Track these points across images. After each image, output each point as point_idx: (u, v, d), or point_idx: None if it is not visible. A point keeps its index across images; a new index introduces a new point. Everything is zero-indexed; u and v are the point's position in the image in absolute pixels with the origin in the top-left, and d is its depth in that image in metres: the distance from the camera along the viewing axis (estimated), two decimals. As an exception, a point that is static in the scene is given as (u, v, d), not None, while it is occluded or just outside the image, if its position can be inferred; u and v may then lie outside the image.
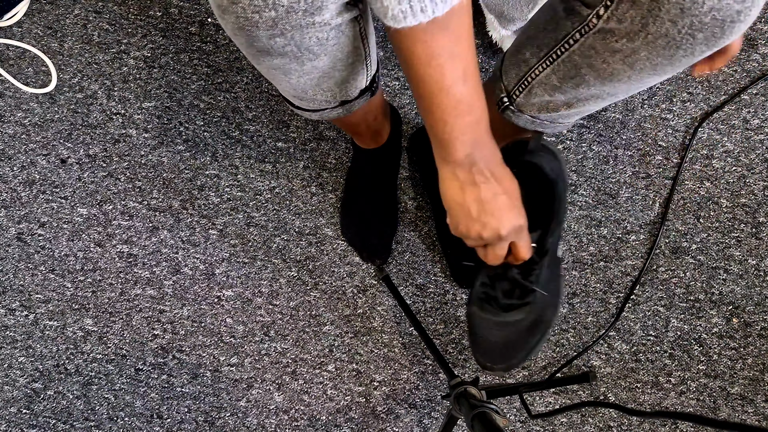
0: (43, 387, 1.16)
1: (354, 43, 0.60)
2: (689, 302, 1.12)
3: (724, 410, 1.10)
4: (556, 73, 0.64)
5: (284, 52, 0.55)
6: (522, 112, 0.72)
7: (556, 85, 0.65)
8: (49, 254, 1.16)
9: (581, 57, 0.60)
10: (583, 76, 0.62)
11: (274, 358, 1.14)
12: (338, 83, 0.67)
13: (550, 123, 0.73)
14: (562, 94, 0.66)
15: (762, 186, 1.12)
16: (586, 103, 0.67)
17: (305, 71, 0.61)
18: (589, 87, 0.62)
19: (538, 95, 0.68)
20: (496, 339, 0.82)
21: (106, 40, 1.18)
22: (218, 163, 1.16)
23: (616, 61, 0.57)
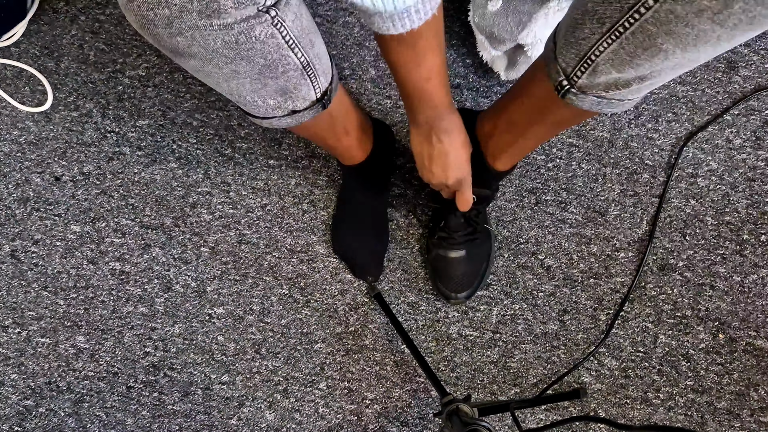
0: (35, 404, 1.16)
1: (278, 51, 0.59)
2: (676, 318, 1.13)
3: (711, 425, 1.11)
4: (625, 48, 0.56)
5: (192, 52, 0.56)
6: (586, 93, 0.66)
7: (626, 59, 0.57)
8: (42, 271, 1.17)
9: (657, 25, 0.52)
10: (659, 46, 0.54)
11: (266, 376, 1.14)
12: (278, 92, 0.67)
13: (618, 101, 0.66)
14: (633, 69, 0.58)
15: (745, 204, 1.14)
16: (662, 73, 0.59)
17: (226, 76, 0.61)
18: (667, 57, 0.55)
19: (604, 73, 0.61)
20: (455, 273, 1.07)
21: (102, 60, 1.19)
22: (210, 180, 1.17)
23: (703, 22, 0.49)
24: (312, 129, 0.82)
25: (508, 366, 1.13)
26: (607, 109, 0.68)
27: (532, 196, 1.15)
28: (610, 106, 0.67)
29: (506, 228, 1.15)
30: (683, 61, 0.56)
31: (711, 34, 0.50)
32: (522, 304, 1.14)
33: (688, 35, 0.51)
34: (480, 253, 1.09)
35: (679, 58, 0.55)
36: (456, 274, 1.08)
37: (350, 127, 0.92)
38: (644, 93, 0.66)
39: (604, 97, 0.65)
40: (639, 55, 0.56)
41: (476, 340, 1.14)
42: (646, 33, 0.53)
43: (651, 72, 0.59)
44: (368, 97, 1.17)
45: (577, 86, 0.66)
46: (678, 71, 0.60)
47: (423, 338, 1.14)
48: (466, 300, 1.10)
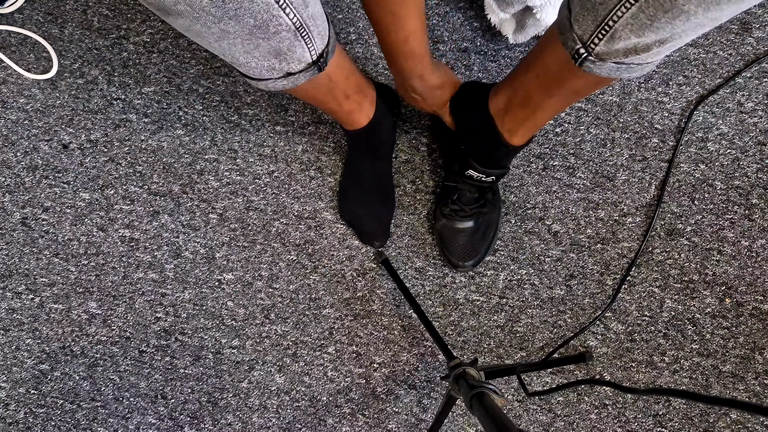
0: (50, 368, 1.19)
1: (269, 11, 0.58)
2: (683, 283, 1.13)
3: (716, 387, 1.12)
4: (645, 11, 0.55)
5: (178, 11, 0.55)
6: (604, 60, 0.64)
7: (646, 23, 0.56)
8: (53, 239, 1.18)
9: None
10: (680, 7, 0.52)
11: (275, 341, 1.16)
12: (271, 53, 0.66)
13: (637, 65, 0.64)
14: (653, 33, 0.57)
15: (755, 168, 1.13)
16: (683, 34, 0.58)
17: (217, 35, 0.60)
18: (689, 18, 0.54)
19: (623, 39, 0.60)
20: (463, 242, 1.09)
21: (106, 26, 1.18)
22: (217, 147, 1.17)
23: None
24: (311, 92, 0.81)
25: (515, 330, 1.14)
26: (626, 75, 0.66)
27: (540, 162, 1.14)
28: (629, 70, 0.65)
29: (513, 193, 1.14)
30: (705, 21, 0.55)
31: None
32: (529, 269, 1.14)
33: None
34: (487, 222, 1.10)
35: (701, 18, 0.54)
36: (463, 243, 1.09)
37: (350, 91, 0.90)
38: (664, 55, 0.64)
39: (623, 63, 0.64)
40: (660, 17, 0.55)
41: (483, 305, 1.14)
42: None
43: (672, 35, 0.57)
44: (374, 62, 1.16)
45: (594, 53, 0.64)
46: (699, 31, 0.58)
47: (430, 303, 1.15)
48: (473, 267, 1.11)
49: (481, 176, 0.98)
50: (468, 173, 0.99)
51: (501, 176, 1.00)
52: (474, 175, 0.98)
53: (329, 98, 0.87)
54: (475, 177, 0.99)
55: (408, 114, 1.15)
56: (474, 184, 1.02)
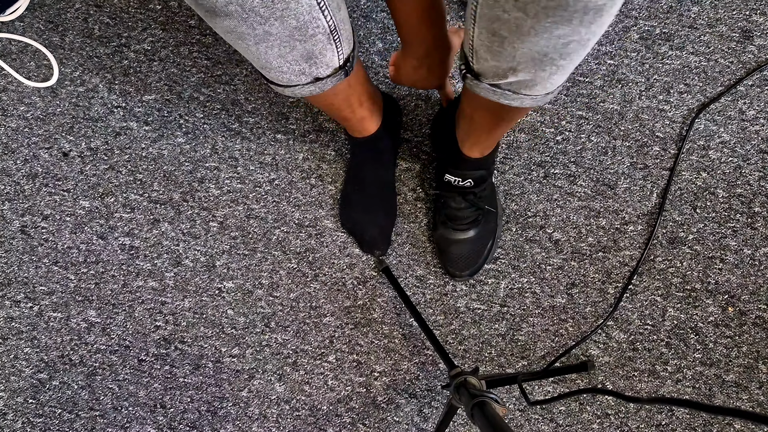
0: (49, 377, 1.18)
1: (310, 13, 0.60)
2: (686, 292, 1.13)
3: (719, 397, 1.11)
4: (482, 32, 0.59)
5: (228, 11, 0.57)
6: (479, 80, 0.68)
7: (487, 45, 0.60)
8: (53, 246, 1.18)
9: (489, 9, 0.55)
10: (499, 33, 0.57)
11: (275, 349, 1.15)
12: (303, 57, 0.67)
13: (513, 93, 0.67)
14: (499, 57, 0.61)
15: (757, 176, 1.13)
16: (528, 66, 0.61)
17: (258, 36, 0.61)
18: (513, 45, 0.57)
19: (483, 59, 0.64)
20: (461, 252, 1.09)
21: (107, 34, 1.18)
22: (218, 155, 1.17)
23: (511, 9, 0.53)
24: (330, 99, 0.82)
25: (516, 339, 1.14)
26: (505, 101, 0.68)
27: (541, 170, 1.14)
28: (506, 97, 0.67)
29: (514, 201, 1.14)
30: (533, 54, 0.58)
31: (524, 23, 0.53)
32: (530, 278, 1.14)
33: (509, 22, 0.54)
34: (485, 231, 1.10)
35: (524, 49, 0.57)
36: (461, 254, 1.09)
37: (364, 98, 0.92)
38: (538, 92, 0.66)
39: (498, 87, 0.67)
40: (493, 41, 0.58)
41: (484, 314, 1.14)
42: (486, 17, 0.56)
43: (516, 63, 0.60)
44: (375, 70, 1.16)
45: (473, 72, 0.68)
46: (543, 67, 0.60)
47: (431, 311, 1.14)
48: (471, 277, 1.11)
49: (458, 180, 0.99)
50: (446, 179, 1.00)
51: (480, 182, 1.00)
52: (452, 180, 0.99)
53: (345, 105, 0.89)
54: (453, 182, 0.99)
55: (409, 122, 1.15)
56: (456, 190, 1.02)
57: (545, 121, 1.14)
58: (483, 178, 1.00)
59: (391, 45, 1.16)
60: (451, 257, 1.10)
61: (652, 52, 1.14)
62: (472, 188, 1.01)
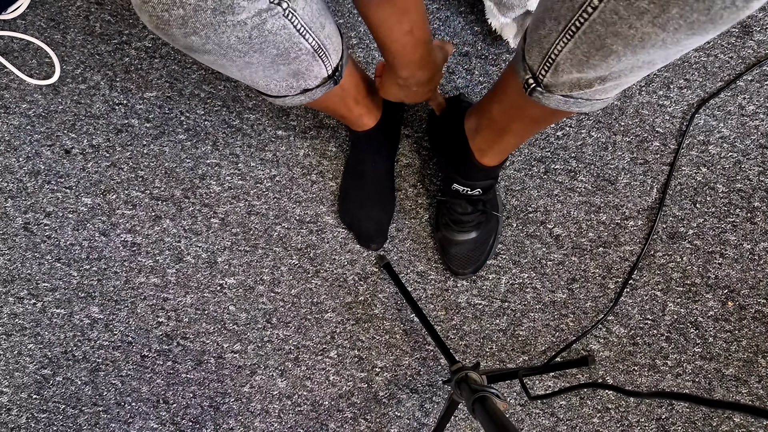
0: (52, 373, 1.19)
1: (290, 40, 0.60)
2: (686, 286, 1.13)
3: (719, 391, 1.12)
4: (579, 47, 0.56)
5: (206, 50, 0.57)
6: (551, 92, 0.65)
7: (582, 59, 0.58)
8: (55, 243, 1.18)
9: (604, 25, 0.52)
10: (609, 47, 0.54)
11: (277, 345, 1.16)
12: (290, 75, 0.67)
13: (586, 101, 0.65)
14: (591, 70, 0.59)
15: (757, 171, 1.13)
16: (622, 75, 0.59)
17: (240, 66, 0.61)
18: (619, 58, 0.55)
19: (566, 72, 0.61)
20: (464, 252, 1.10)
21: (108, 31, 1.19)
22: (219, 152, 1.17)
23: (645, 25, 0.49)
24: (324, 103, 0.83)
25: (517, 334, 1.14)
26: (576, 109, 0.67)
27: (541, 165, 1.14)
28: (578, 105, 0.66)
29: (515, 197, 1.14)
30: (638, 63, 0.56)
31: (655, 38, 0.50)
32: (530, 273, 1.14)
33: (633, 37, 0.51)
34: (487, 230, 1.10)
35: (632, 60, 0.55)
36: (463, 253, 1.10)
37: (360, 97, 0.92)
38: (612, 94, 0.66)
39: (570, 96, 0.65)
40: (593, 54, 0.56)
41: (485, 309, 1.14)
42: (596, 33, 0.54)
43: (610, 73, 0.58)
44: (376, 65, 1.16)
45: (543, 85, 0.65)
46: (638, 74, 0.59)
47: (432, 307, 1.15)
48: (473, 274, 1.11)
49: (466, 189, 0.99)
50: (454, 188, 1.00)
51: (488, 189, 1.00)
52: (460, 189, 0.99)
53: (340, 105, 0.89)
54: (462, 191, 0.99)
55: (410, 118, 1.16)
56: (463, 197, 1.02)
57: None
58: (492, 185, 1.00)
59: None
60: (453, 256, 1.10)
61: (652, 47, 1.14)
62: (481, 196, 1.01)
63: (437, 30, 1.15)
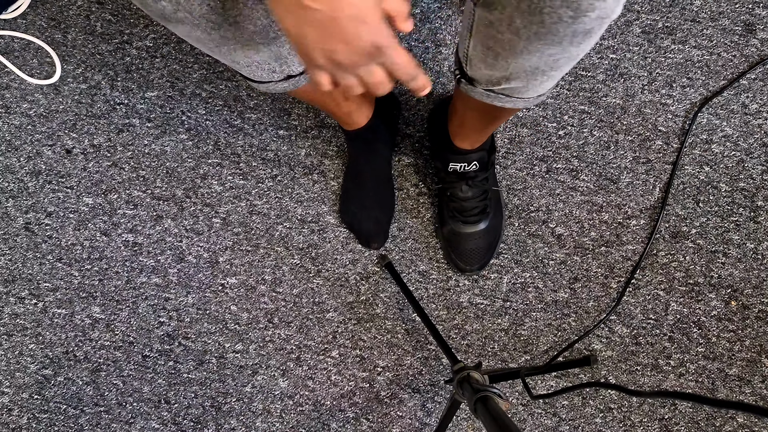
0: (54, 373, 1.18)
1: (269, 16, 0.57)
2: (689, 286, 1.13)
3: (722, 391, 1.11)
4: (477, 46, 0.62)
5: (178, 18, 0.55)
6: (474, 85, 0.70)
7: (482, 56, 0.62)
8: (57, 243, 1.18)
9: (484, 28, 0.57)
10: (493, 48, 0.59)
11: (279, 345, 1.16)
12: (271, 57, 0.65)
13: (506, 97, 0.69)
14: (492, 68, 0.63)
15: (760, 170, 1.13)
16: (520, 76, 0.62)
17: (216, 41, 0.59)
18: (506, 60, 0.59)
19: (477, 68, 0.66)
20: (472, 246, 1.09)
21: (109, 31, 1.18)
22: (220, 151, 1.17)
23: (505, 31, 0.54)
24: (310, 94, 0.82)
25: (519, 333, 1.14)
26: (499, 103, 0.70)
27: (543, 165, 1.14)
28: (500, 100, 0.69)
29: (517, 196, 1.14)
30: (526, 67, 0.60)
31: (518, 44, 0.55)
32: (532, 272, 1.14)
33: (503, 41, 0.56)
34: (493, 225, 1.10)
35: (518, 63, 0.59)
36: (471, 248, 1.09)
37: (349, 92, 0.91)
38: (530, 95, 0.68)
39: (492, 91, 0.68)
40: (487, 53, 0.60)
41: (487, 308, 1.14)
42: (481, 34, 0.58)
43: (509, 73, 0.62)
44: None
45: (467, 77, 0.70)
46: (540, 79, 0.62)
47: (434, 306, 1.15)
48: (480, 271, 1.11)
49: (463, 165, 0.99)
50: (450, 167, 1.00)
51: (484, 163, 1.00)
52: (457, 167, 1.00)
53: (328, 99, 0.88)
54: (459, 169, 1.00)
55: (411, 117, 1.15)
56: (463, 178, 1.02)
57: (547, 116, 1.14)
58: (485, 159, 1.01)
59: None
60: (461, 252, 1.10)
61: (654, 46, 1.13)
62: (478, 172, 1.01)
63: (439, 29, 1.14)
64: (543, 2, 0.49)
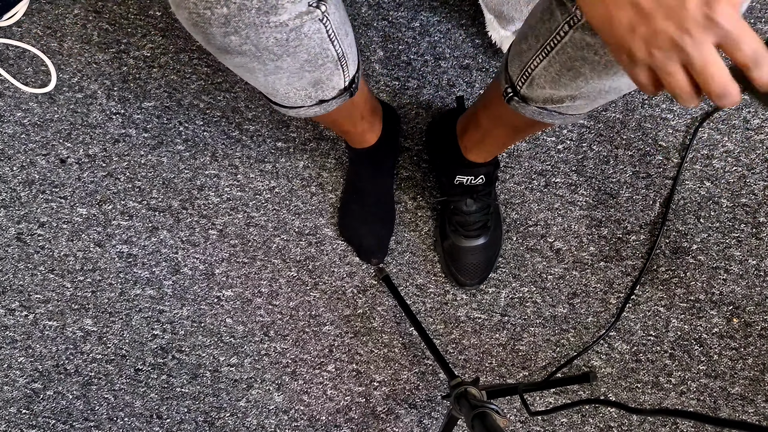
0: (43, 387, 1.16)
1: (321, 45, 0.60)
2: (689, 302, 1.12)
3: (725, 410, 1.10)
4: (552, 66, 0.61)
5: (242, 50, 0.56)
6: (527, 103, 0.70)
7: (554, 77, 0.62)
8: (49, 254, 1.16)
9: (574, 49, 0.56)
10: (578, 69, 0.58)
11: (274, 359, 1.14)
12: (311, 84, 0.67)
13: (559, 114, 0.69)
14: (562, 87, 0.63)
15: (762, 186, 1.12)
16: (590, 96, 0.63)
17: (269, 71, 0.61)
18: (587, 80, 0.59)
19: (540, 87, 0.66)
20: (473, 261, 1.08)
21: (106, 40, 1.18)
22: (218, 162, 1.16)
23: (604, 54, 0.54)
24: (333, 116, 0.82)
25: (517, 349, 1.12)
26: (550, 120, 0.71)
27: (542, 179, 1.13)
28: (551, 117, 0.70)
29: (515, 211, 1.13)
30: (605, 87, 0.60)
31: (612, 65, 0.55)
32: (531, 287, 1.13)
33: (599, 63, 0.55)
34: (493, 240, 1.10)
35: (598, 84, 0.59)
36: (471, 262, 1.09)
37: (366, 113, 0.92)
38: (585, 111, 0.69)
39: (545, 109, 0.69)
40: (564, 74, 0.60)
41: (484, 323, 1.13)
42: (567, 55, 0.58)
43: (579, 93, 0.62)
44: (376, 79, 1.15)
45: (520, 95, 0.70)
46: (606, 97, 0.63)
47: (431, 321, 1.13)
48: (479, 285, 1.10)
49: (470, 179, 0.99)
50: (457, 181, 1.00)
51: (490, 177, 1.00)
52: (463, 180, 0.99)
53: (347, 121, 0.89)
54: (465, 182, 1.00)
55: (409, 131, 1.15)
56: (468, 192, 1.02)
57: (546, 130, 1.13)
58: (492, 173, 1.01)
59: (392, 53, 1.15)
60: (462, 266, 1.09)
61: (654, 60, 1.13)
62: (484, 186, 1.01)
63: (438, 42, 1.14)
64: None
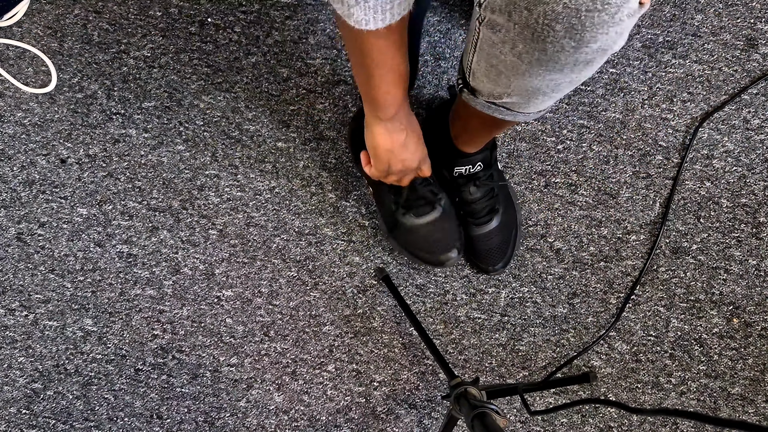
0: (43, 387, 1.16)
1: None
2: (690, 302, 1.11)
3: (725, 410, 1.10)
4: (480, 61, 0.64)
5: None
6: (476, 96, 0.72)
7: (485, 71, 0.64)
8: (49, 254, 1.16)
9: (488, 47, 0.59)
10: (496, 67, 0.61)
11: (274, 359, 1.14)
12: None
13: (507, 110, 0.71)
14: (494, 83, 0.65)
15: (762, 186, 1.12)
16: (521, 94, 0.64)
17: None
18: (508, 78, 0.61)
19: (480, 81, 0.68)
20: (490, 246, 1.08)
21: (106, 40, 1.18)
22: (218, 163, 1.16)
23: (507, 53, 0.56)
24: None
25: (517, 349, 1.12)
26: (499, 115, 0.72)
27: (542, 179, 1.13)
28: (500, 112, 0.72)
29: (516, 210, 1.13)
30: (528, 87, 0.61)
31: (519, 67, 0.57)
32: (531, 287, 1.13)
33: (506, 63, 0.58)
34: (506, 219, 1.09)
35: (520, 83, 0.61)
36: (488, 247, 1.08)
37: None
38: (531, 110, 0.70)
39: (493, 103, 0.70)
40: (489, 70, 0.63)
41: (484, 323, 1.13)
42: (485, 51, 0.60)
43: (511, 90, 0.64)
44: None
45: (470, 88, 0.72)
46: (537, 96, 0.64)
47: (431, 321, 1.13)
48: (504, 269, 1.10)
49: (468, 168, 1.00)
50: (456, 172, 1.01)
51: (488, 161, 1.01)
52: (462, 170, 1.00)
53: None
54: (465, 172, 1.00)
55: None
56: (468, 178, 1.02)
57: (546, 130, 1.13)
58: (488, 158, 1.01)
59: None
60: (479, 254, 1.09)
61: (654, 60, 1.13)
62: (483, 171, 1.01)
63: (438, 43, 1.14)
64: (546, 31, 0.51)
